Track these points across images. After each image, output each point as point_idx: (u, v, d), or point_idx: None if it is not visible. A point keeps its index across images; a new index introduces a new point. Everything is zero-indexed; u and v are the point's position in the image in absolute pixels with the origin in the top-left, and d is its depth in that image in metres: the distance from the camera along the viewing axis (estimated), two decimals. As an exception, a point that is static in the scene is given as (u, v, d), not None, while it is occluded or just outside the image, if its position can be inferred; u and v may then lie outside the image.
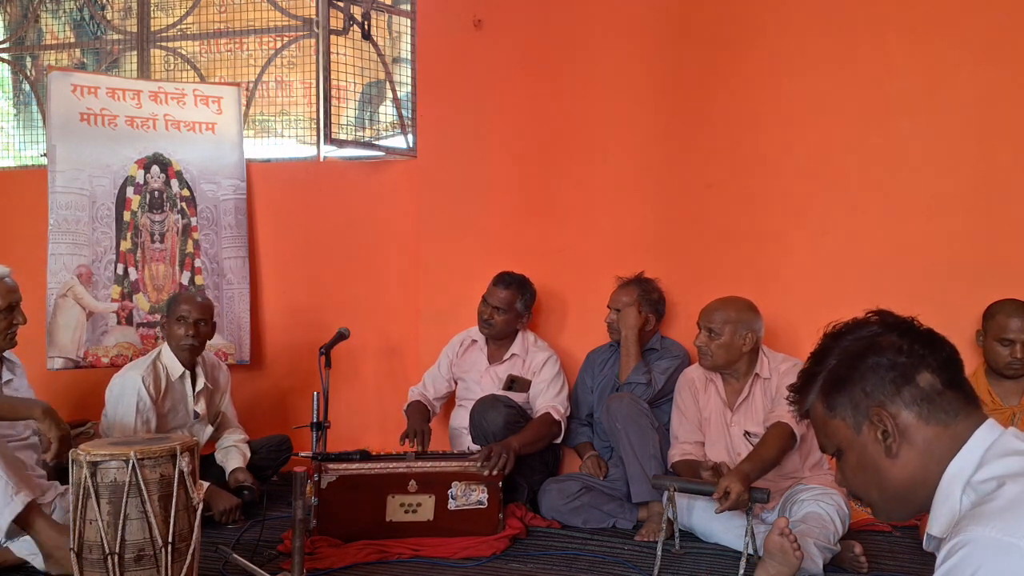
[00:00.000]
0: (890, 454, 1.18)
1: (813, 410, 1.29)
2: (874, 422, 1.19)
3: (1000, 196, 3.29)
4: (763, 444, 2.72)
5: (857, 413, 1.21)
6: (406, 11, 4.20)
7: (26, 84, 4.88)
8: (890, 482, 1.20)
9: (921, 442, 1.17)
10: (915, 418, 1.18)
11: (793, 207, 3.52)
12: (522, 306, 3.47)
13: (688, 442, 3.01)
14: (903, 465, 1.18)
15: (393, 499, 2.84)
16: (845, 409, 1.22)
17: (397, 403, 3.94)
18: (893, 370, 1.19)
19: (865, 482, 1.24)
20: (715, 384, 3.04)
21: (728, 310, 2.93)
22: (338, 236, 4.23)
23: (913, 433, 1.18)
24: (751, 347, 2.93)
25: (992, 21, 3.29)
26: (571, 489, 3.15)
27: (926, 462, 1.17)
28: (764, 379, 2.95)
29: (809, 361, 1.31)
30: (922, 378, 1.18)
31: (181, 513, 2.13)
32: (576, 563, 2.69)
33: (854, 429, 1.22)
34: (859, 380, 1.21)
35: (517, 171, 3.85)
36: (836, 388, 1.23)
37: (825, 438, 1.28)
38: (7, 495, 2.34)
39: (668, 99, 3.66)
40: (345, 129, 4.04)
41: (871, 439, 1.20)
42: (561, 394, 3.40)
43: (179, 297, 3.39)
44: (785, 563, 2.14)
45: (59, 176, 3.98)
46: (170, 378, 3.25)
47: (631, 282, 3.43)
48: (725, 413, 2.99)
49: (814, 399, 1.27)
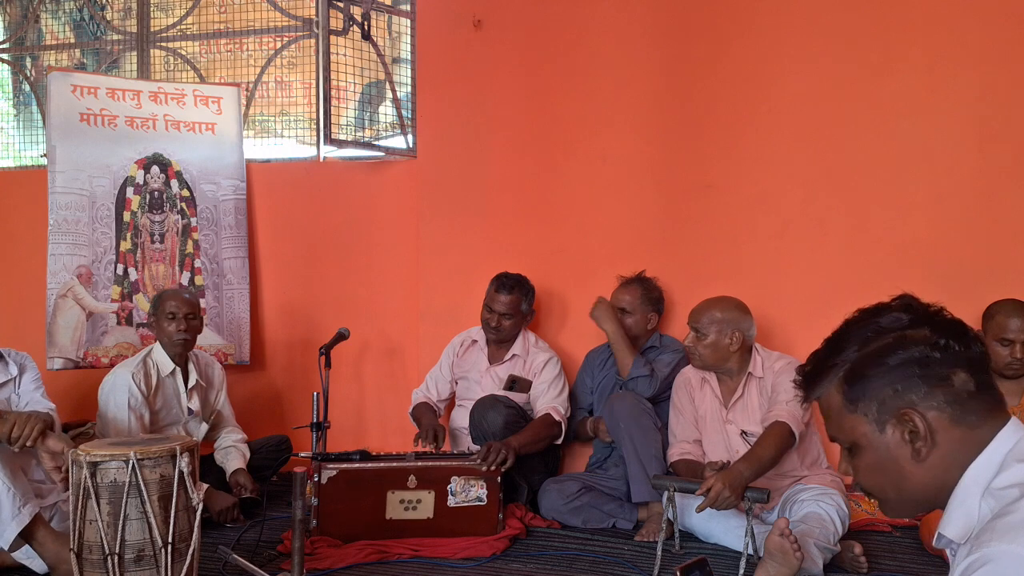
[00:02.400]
0: (918, 458, 1.10)
1: (828, 400, 1.19)
2: (902, 422, 1.10)
3: (1000, 196, 3.29)
4: (760, 444, 2.71)
5: (882, 411, 1.12)
6: (406, 11, 4.20)
7: (26, 84, 4.88)
8: (911, 485, 1.13)
9: (946, 444, 1.09)
10: (947, 420, 1.09)
11: (793, 207, 3.52)
12: (527, 307, 3.49)
13: (687, 441, 3.01)
14: (928, 468, 1.10)
15: (393, 495, 2.83)
16: (869, 405, 1.12)
17: (397, 403, 3.95)
18: (927, 367, 1.09)
19: (882, 482, 1.16)
20: (710, 384, 3.04)
21: (714, 310, 2.94)
22: (338, 236, 4.23)
23: (942, 435, 1.09)
24: (739, 346, 2.93)
25: (992, 21, 3.29)
26: (571, 489, 3.15)
27: (948, 464, 1.09)
28: (758, 378, 2.95)
29: (825, 347, 1.20)
30: (957, 378, 1.09)
31: (181, 513, 2.13)
32: (576, 563, 2.69)
33: (876, 427, 1.13)
34: (888, 376, 1.11)
35: (517, 171, 3.85)
36: (861, 382, 1.13)
37: (839, 431, 1.19)
38: (14, 507, 2.33)
39: (668, 99, 3.66)
40: (345, 129, 4.04)
41: (895, 440, 1.11)
42: (562, 395, 3.40)
43: (165, 295, 3.37)
44: (785, 563, 2.14)
45: (59, 176, 3.98)
46: (161, 375, 3.27)
47: (633, 281, 3.44)
48: (721, 412, 3.00)
49: (830, 389, 1.18)
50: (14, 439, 2.38)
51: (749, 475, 2.57)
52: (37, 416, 2.46)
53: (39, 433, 2.40)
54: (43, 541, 2.38)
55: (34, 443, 2.39)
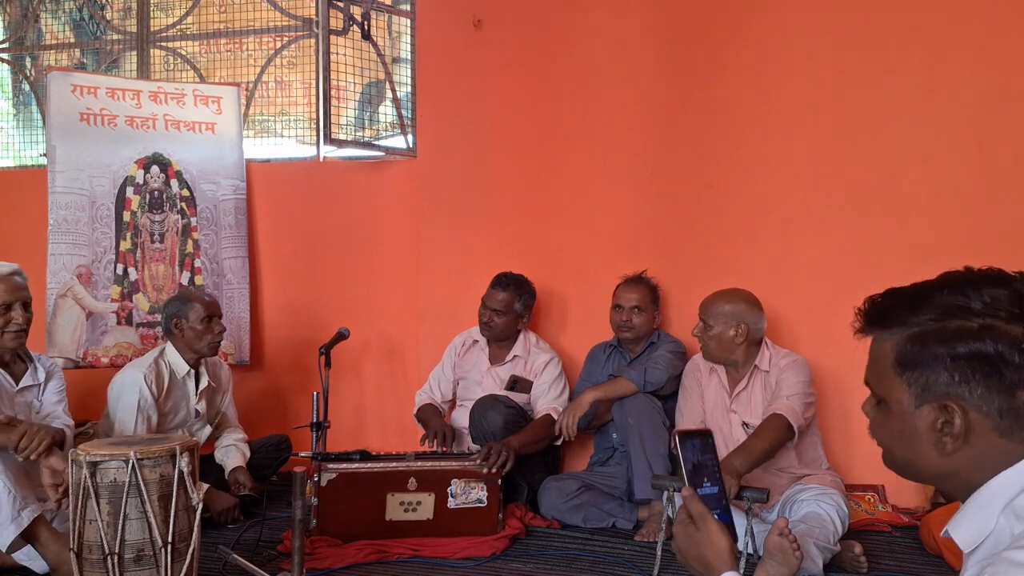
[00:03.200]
0: (943, 451, 1.02)
1: (879, 348, 1.09)
2: (942, 411, 1.01)
3: (1000, 196, 3.29)
4: (754, 436, 2.72)
5: (928, 391, 1.02)
6: (406, 11, 4.20)
7: (26, 84, 4.88)
8: (923, 466, 1.06)
9: (981, 448, 1.00)
10: (990, 428, 0.99)
11: (793, 207, 3.52)
12: (521, 307, 3.47)
13: (692, 423, 3.04)
14: (950, 461, 1.02)
15: (393, 497, 2.83)
16: (918, 378, 1.02)
17: (397, 403, 3.95)
18: (996, 369, 0.97)
19: (893, 447, 1.09)
20: (718, 372, 3.07)
21: (721, 303, 2.96)
22: (338, 236, 4.23)
23: (978, 438, 1.00)
24: (745, 339, 2.94)
25: (992, 21, 3.29)
26: (570, 488, 3.16)
27: (975, 466, 1.01)
28: (764, 372, 2.97)
29: (906, 296, 1.07)
30: (1022, 394, 0.97)
31: (181, 513, 2.13)
32: (576, 563, 2.69)
33: (914, 402, 1.03)
34: (951, 362, 1.00)
35: (517, 171, 3.85)
36: (921, 353, 1.02)
37: (875, 382, 1.10)
38: (14, 510, 2.33)
39: (668, 99, 3.66)
40: (345, 129, 4.05)
41: (927, 422, 1.02)
42: (562, 396, 3.40)
43: (194, 296, 3.35)
44: (785, 563, 2.14)
45: (59, 176, 3.98)
46: (174, 376, 3.25)
47: (639, 280, 3.45)
48: (725, 401, 3.02)
49: (887, 339, 1.07)
50: (20, 449, 2.40)
51: (741, 466, 2.58)
52: (48, 431, 2.47)
53: (45, 448, 2.42)
54: (45, 543, 2.38)
55: (39, 457, 2.41)
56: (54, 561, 2.37)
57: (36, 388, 2.83)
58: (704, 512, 1.26)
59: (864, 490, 3.28)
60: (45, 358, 2.90)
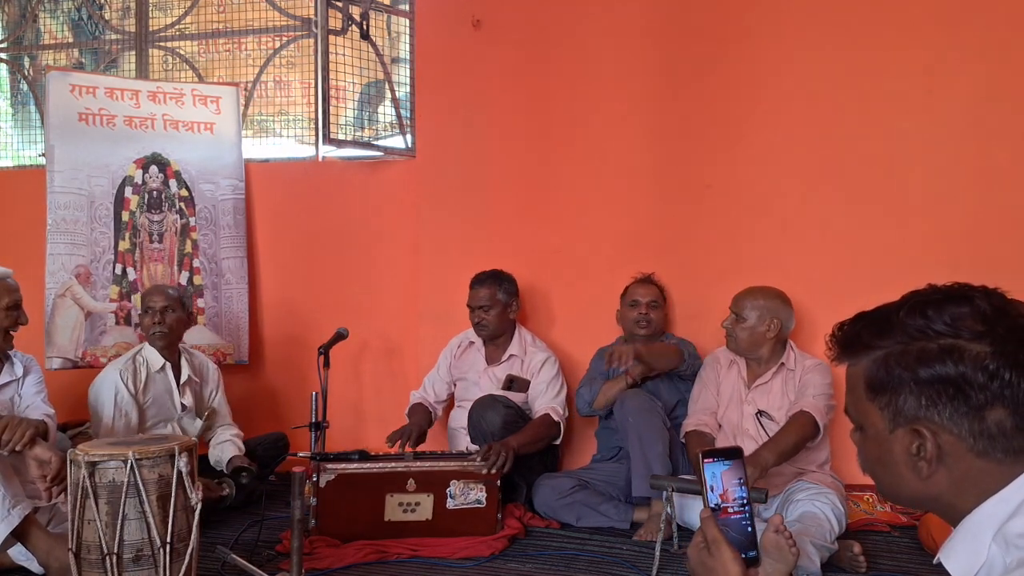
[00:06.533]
0: (920, 475, 1.01)
1: (853, 373, 1.08)
2: (913, 435, 1.00)
3: (1000, 196, 3.29)
4: (783, 431, 2.78)
5: (899, 415, 1.01)
6: (405, 11, 4.20)
7: (24, 84, 4.88)
8: (907, 490, 1.05)
9: (961, 470, 0.99)
10: (965, 450, 0.98)
11: (792, 207, 3.52)
12: (504, 295, 3.47)
13: (704, 412, 3.08)
14: (931, 485, 1.01)
15: (391, 498, 2.83)
16: (888, 403, 1.02)
17: (396, 403, 3.94)
18: (960, 394, 0.96)
19: (878, 473, 1.09)
20: (738, 365, 3.11)
21: (757, 297, 3.03)
22: (337, 236, 4.23)
23: (955, 461, 0.98)
24: (775, 334, 3.00)
25: (992, 21, 3.29)
26: (564, 486, 3.16)
27: (959, 490, 1.00)
28: (789, 370, 3.02)
29: (873, 319, 1.06)
30: (993, 414, 0.95)
31: (180, 513, 2.13)
32: (575, 563, 2.69)
33: (888, 426, 1.03)
34: (915, 386, 0.99)
35: (516, 171, 3.85)
36: (888, 377, 1.01)
37: (852, 409, 1.10)
38: (4, 508, 2.34)
39: (667, 99, 3.66)
40: (344, 129, 4.04)
41: (902, 447, 1.02)
42: (560, 395, 3.40)
43: (148, 290, 3.46)
44: (781, 560, 2.14)
45: (57, 176, 3.98)
46: (150, 371, 3.27)
47: (651, 280, 3.48)
48: (742, 392, 3.06)
49: (858, 364, 1.07)
50: (3, 443, 2.40)
51: (770, 460, 2.64)
52: (29, 422, 2.48)
53: (28, 440, 2.43)
54: (36, 542, 2.39)
55: (23, 449, 2.41)
56: (44, 559, 2.37)
57: (15, 384, 2.84)
58: (719, 539, 1.19)
59: (863, 490, 3.28)
60: (21, 354, 2.90)
